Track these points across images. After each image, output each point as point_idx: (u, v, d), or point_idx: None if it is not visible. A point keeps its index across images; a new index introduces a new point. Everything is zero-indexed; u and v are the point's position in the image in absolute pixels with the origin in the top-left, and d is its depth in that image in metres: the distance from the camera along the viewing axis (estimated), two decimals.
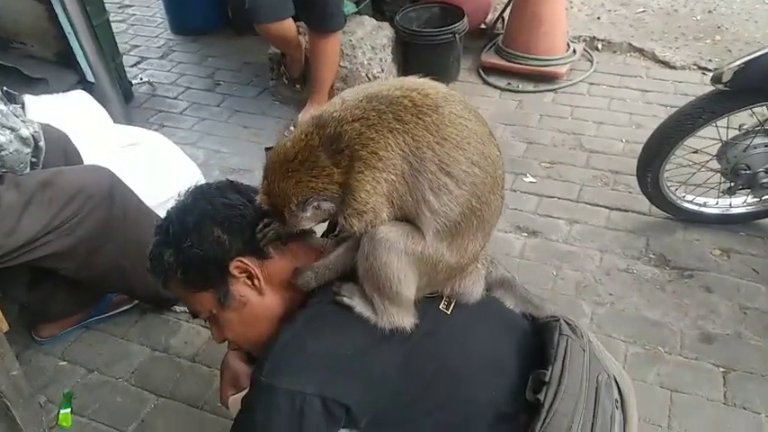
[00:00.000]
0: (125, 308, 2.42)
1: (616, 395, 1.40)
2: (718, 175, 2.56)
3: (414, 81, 1.14)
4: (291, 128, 3.15)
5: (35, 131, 1.79)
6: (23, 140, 1.73)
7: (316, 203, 1.12)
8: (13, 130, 1.71)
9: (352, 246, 1.19)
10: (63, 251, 1.90)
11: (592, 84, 3.87)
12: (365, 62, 3.55)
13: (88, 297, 2.33)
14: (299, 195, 1.11)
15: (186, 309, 2.35)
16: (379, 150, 1.07)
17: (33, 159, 1.90)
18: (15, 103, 1.86)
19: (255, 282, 1.28)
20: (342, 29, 3.31)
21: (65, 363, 2.26)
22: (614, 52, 4.21)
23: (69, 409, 2.06)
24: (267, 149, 1.19)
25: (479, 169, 1.11)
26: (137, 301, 2.42)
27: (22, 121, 1.75)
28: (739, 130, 2.43)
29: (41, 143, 1.83)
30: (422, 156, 1.07)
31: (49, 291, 2.21)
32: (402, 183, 1.09)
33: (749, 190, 2.50)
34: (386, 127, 1.07)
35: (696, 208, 2.67)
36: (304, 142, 1.11)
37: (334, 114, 1.10)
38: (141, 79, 4.13)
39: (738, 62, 2.16)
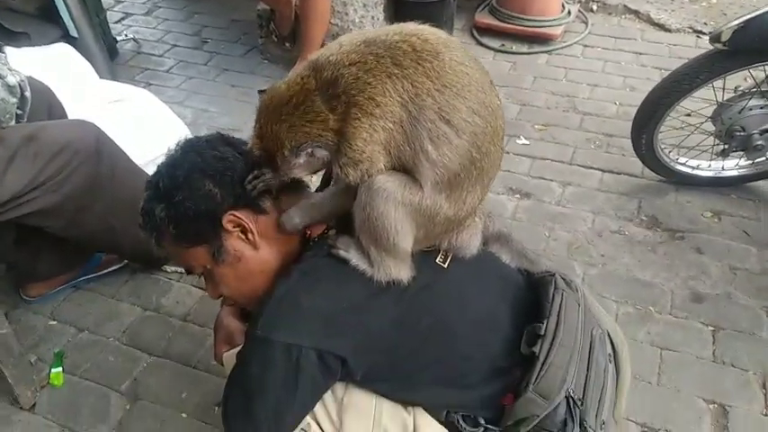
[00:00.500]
0: (114, 267, 2.39)
1: (609, 350, 1.41)
2: (712, 137, 2.55)
3: (413, 26, 1.11)
4: None
5: (21, 80, 1.74)
6: (10, 89, 1.68)
7: (309, 150, 1.09)
8: None
9: (342, 189, 1.16)
10: (49, 208, 1.85)
11: (586, 46, 3.83)
12: (356, 20, 3.49)
13: (76, 256, 2.29)
14: (292, 140, 1.09)
15: (177, 268, 2.35)
16: (377, 96, 1.04)
17: (19, 111, 1.85)
18: (1, 53, 1.80)
19: (249, 236, 1.26)
20: None
21: (54, 322, 2.23)
22: (609, 14, 4.16)
23: (60, 368, 2.05)
24: (261, 92, 1.15)
25: (480, 118, 1.09)
26: (126, 261, 2.40)
27: (9, 69, 1.69)
28: (735, 92, 2.41)
29: (27, 93, 1.78)
30: (421, 103, 1.04)
31: (35, 249, 2.17)
32: (400, 131, 1.06)
33: (743, 152, 2.50)
34: (384, 72, 1.04)
35: (689, 170, 2.67)
36: (299, 86, 1.08)
37: (331, 58, 1.07)
38: (126, 36, 4.01)
39: (738, 21, 2.13)
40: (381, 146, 1.07)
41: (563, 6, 3.93)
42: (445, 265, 1.27)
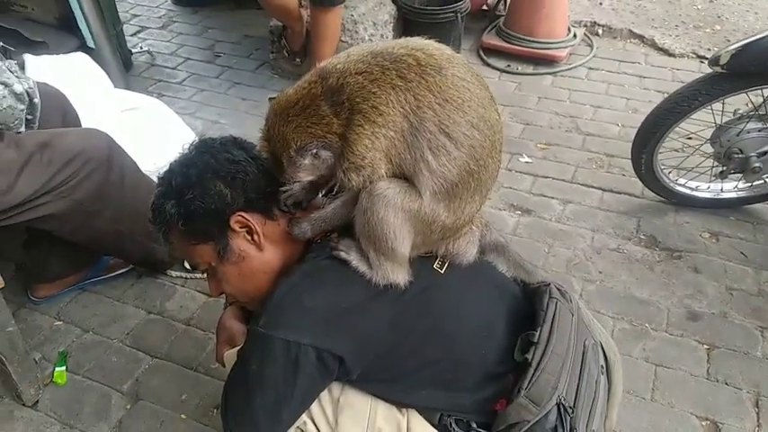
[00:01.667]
0: (121, 271, 2.44)
1: (602, 361, 1.43)
2: (711, 159, 2.59)
3: (419, 41, 1.16)
4: None
5: (29, 87, 1.79)
6: (17, 96, 1.73)
7: (314, 150, 1.13)
8: (5, 85, 1.70)
9: (348, 199, 1.21)
10: (59, 213, 1.91)
11: (591, 68, 3.90)
12: (366, 38, 3.56)
13: (84, 259, 2.34)
14: (297, 140, 1.13)
15: (181, 273, 2.39)
16: (380, 105, 1.08)
17: (29, 117, 1.89)
18: (11, 59, 1.86)
19: (255, 237, 1.29)
20: (344, 3, 3.31)
21: (60, 323, 2.28)
22: (614, 38, 4.23)
23: (64, 367, 2.09)
24: (271, 99, 1.20)
25: (479, 132, 1.13)
26: (132, 266, 2.44)
27: (17, 76, 1.75)
28: (734, 115, 2.46)
29: (36, 100, 1.83)
30: (422, 115, 1.09)
31: (44, 251, 2.23)
32: (401, 140, 1.11)
33: (741, 174, 2.54)
34: (388, 83, 1.09)
35: (688, 191, 2.71)
36: (306, 90, 1.13)
37: (338, 66, 1.12)
38: (141, 48, 4.12)
39: (736, 45, 2.19)
40: (383, 153, 1.11)
41: (569, 29, 4.00)
42: (442, 271, 1.30)
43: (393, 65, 1.10)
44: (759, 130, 2.39)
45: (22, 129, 1.83)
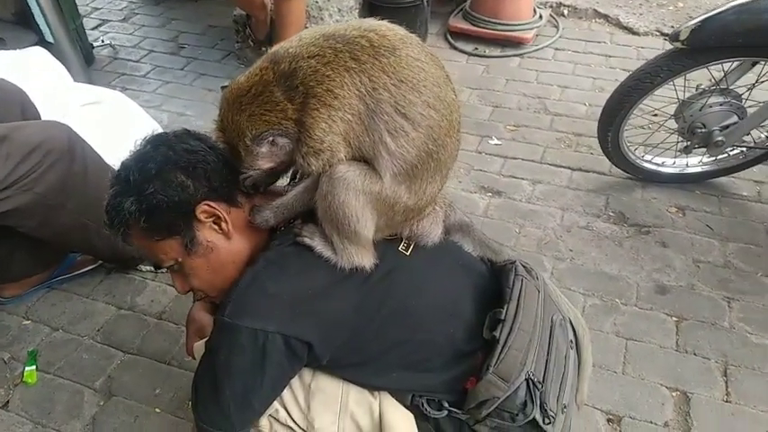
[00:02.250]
0: (89, 268, 2.40)
1: (571, 336, 1.45)
2: (675, 135, 2.63)
3: (372, 22, 1.15)
4: None
5: None
6: None
7: (270, 138, 1.12)
8: None
9: (310, 185, 1.20)
10: (22, 208, 1.87)
11: (557, 49, 3.92)
12: (332, 24, 3.52)
13: (50, 257, 2.30)
14: (252, 129, 1.12)
15: (152, 267, 2.36)
16: (335, 88, 1.07)
17: None
18: None
19: (223, 225, 1.27)
20: None
21: (29, 322, 2.24)
22: (580, 18, 4.26)
23: (34, 366, 2.06)
24: (223, 87, 1.19)
25: (435, 112, 1.13)
26: (101, 262, 2.41)
27: None
28: (696, 90, 2.49)
29: None
30: (378, 97, 1.09)
31: (9, 250, 2.18)
32: (359, 123, 1.10)
33: (705, 149, 2.58)
34: (342, 66, 1.08)
35: (654, 167, 2.74)
36: (258, 77, 1.11)
37: (290, 50, 1.11)
38: (103, 42, 4.03)
39: (696, 21, 2.21)
40: (341, 136, 1.11)
41: (535, 11, 4.01)
42: (407, 253, 1.30)
43: (346, 47, 1.09)
44: (721, 104, 2.43)
45: None
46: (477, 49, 3.92)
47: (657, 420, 1.87)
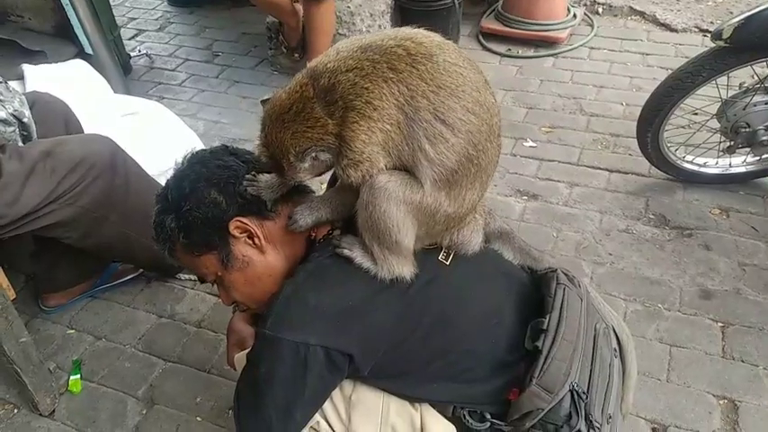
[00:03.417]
0: (130, 277, 2.45)
1: (615, 344, 1.42)
2: (718, 134, 2.56)
3: (408, 31, 1.14)
4: None
5: (15, 110, 1.83)
6: (2, 121, 1.76)
7: (314, 154, 1.13)
8: None
9: (346, 186, 1.19)
10: (66, 221, 1.91)
11: (592, 48, 3.86)
12: (363, 29, 3.54)
13: (93, 266, 2.35)
14: (296, 146, 1.12)
15: (191, 276, 2.40)
16: (374, 100, 1.07)
17: (24, 133, 1.94)
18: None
19: (256, 240, 1.30)
20: None
21: (72, 331, 2.29)
22: (615, 16, 4.18)
23: (79, 376, 2.10)
24: (263, 102, 1.19)
25: (475, 117, 1.12)
26: (141, 270, 2.45)
27: (0, 101, 1.77)
28: (739, 89, 2.42)
29: (25, 119, 1.87)
30: (416, 105, 1.08)
31: (53, 260, 2.23)
32: (398, 132, 1.10)
33: (749, 148, 2.50)
34: (380, 77, 1.07)
35: (696, 168, 2.67)
36: (299, 93, 1.12)
37: (329, 65, 1.11)
38: (139, 51, 4.11)
39: (739, 18, 2.15)
40: (380, 147, 1.10)
41: (568, 9, 3.96)
42: (447, 262, 1.30)
43: (383, 57, 1.08)
44: (766, 103, 2.35)
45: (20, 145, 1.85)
46: (510, 49, 3.89)
47: (704, 429, 1.82)
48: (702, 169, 2.67)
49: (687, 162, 2.67)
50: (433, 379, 1.28)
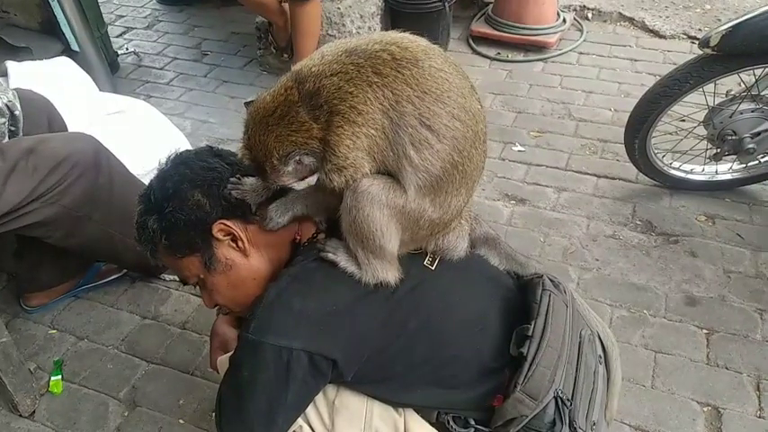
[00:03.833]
0: (113, 277, 2.42)
1: (600, 351, 1.42)
2: (705, 141, 2.57)
3: (394, 35, 1.13)
4: None
5: (9, 101, 1.80)
6: None
7: (297, 158, 1.11)
8: None
9: (327, 187, 1.18)
10: (48, 219, 1.89)
11: (581, 53, 3.87)
12: (354, 30, 3.53)
13: (76, 266, 2.32)
14: (279, 150, 1.11)
15: (175, 277, 2.37)
16: (359, 105, 1.06)
17: (12, 128, 1.90)
18: None
19: (239, 243, 1.28)
20: None
21: (54, 331, 2.26)
22: (604, 21, 4.20)
23: (60, 376, 2.07)
24: (247, 104, 1.18)
25: (460, 123, 1.11)
26: (125, 271, 2.42)
27: None
28: (726, 96, 2.43)
29: (17, 112, 1.84)
30: (402, 110, 1.07)
31: (36, 260, 2.20)
32: (382, 137, 1.09)
33: (735, 156, 2.52)
34: (365, 81, 1.06)
35: (683, 175, 2.69)
36: (283, 97, 1.10)
37: (314, 69, 1.10)
38: (127, 49, 4.08)
39: (726, 26, 2.16)
40: (365, 152, 1.09)
41: (558, 14, 3.97)
42: (433, 267, 1.29)
43: (368, 62, 1.07)
44: (752, 111, 2.37)
45: (6, 140, 1.82)
46: (499, 53, 3.89)
47: None
48: (689, 176, 2.69)
49: (674, 168, 2.68)
50: (418, 384, 1.28)
